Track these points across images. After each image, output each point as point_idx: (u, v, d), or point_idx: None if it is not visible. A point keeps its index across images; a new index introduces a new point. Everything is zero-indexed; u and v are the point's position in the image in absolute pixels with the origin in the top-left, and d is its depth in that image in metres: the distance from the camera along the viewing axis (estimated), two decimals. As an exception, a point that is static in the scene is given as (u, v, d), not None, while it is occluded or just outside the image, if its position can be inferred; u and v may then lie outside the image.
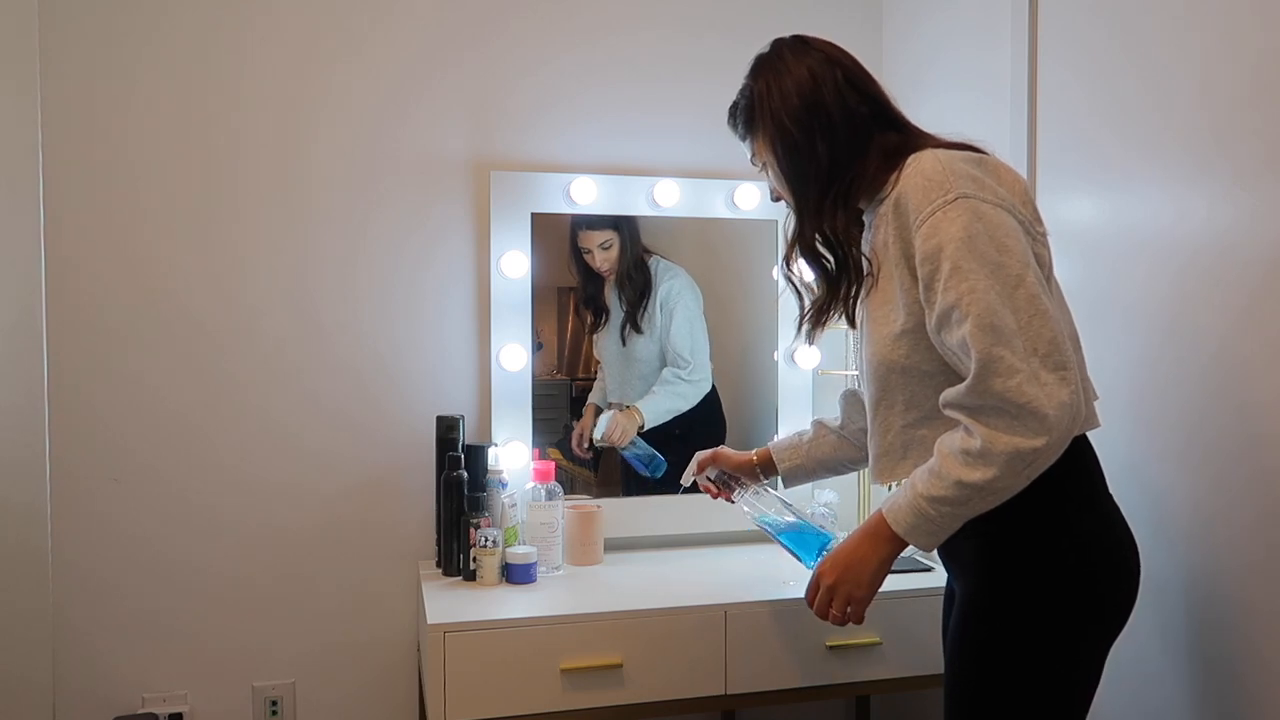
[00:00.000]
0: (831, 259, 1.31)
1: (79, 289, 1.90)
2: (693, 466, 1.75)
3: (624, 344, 2.15)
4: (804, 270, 1.37)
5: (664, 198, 2.11)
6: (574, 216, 2.10)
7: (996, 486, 1.12)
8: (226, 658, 2.00)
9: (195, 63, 1.94)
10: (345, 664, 2.05)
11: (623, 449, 2.14)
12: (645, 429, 2.14)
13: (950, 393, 1.15)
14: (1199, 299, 1.41)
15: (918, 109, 1.32)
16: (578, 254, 2.12)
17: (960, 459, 1.13)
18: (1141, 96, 1.53)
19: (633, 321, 2.14)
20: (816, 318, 1.36)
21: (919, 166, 1.20)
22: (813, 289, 1.37)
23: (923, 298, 1.18)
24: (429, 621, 1.63)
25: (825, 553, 1.61)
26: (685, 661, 1.69)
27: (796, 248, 1.32)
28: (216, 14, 1.95)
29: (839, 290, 1.31)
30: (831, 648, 1.74)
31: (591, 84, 2.13)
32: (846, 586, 1.27)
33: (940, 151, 1.21)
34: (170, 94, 1.93)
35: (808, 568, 1.61)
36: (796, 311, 1.41)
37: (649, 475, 2.14)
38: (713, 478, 1.73)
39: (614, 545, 2.09)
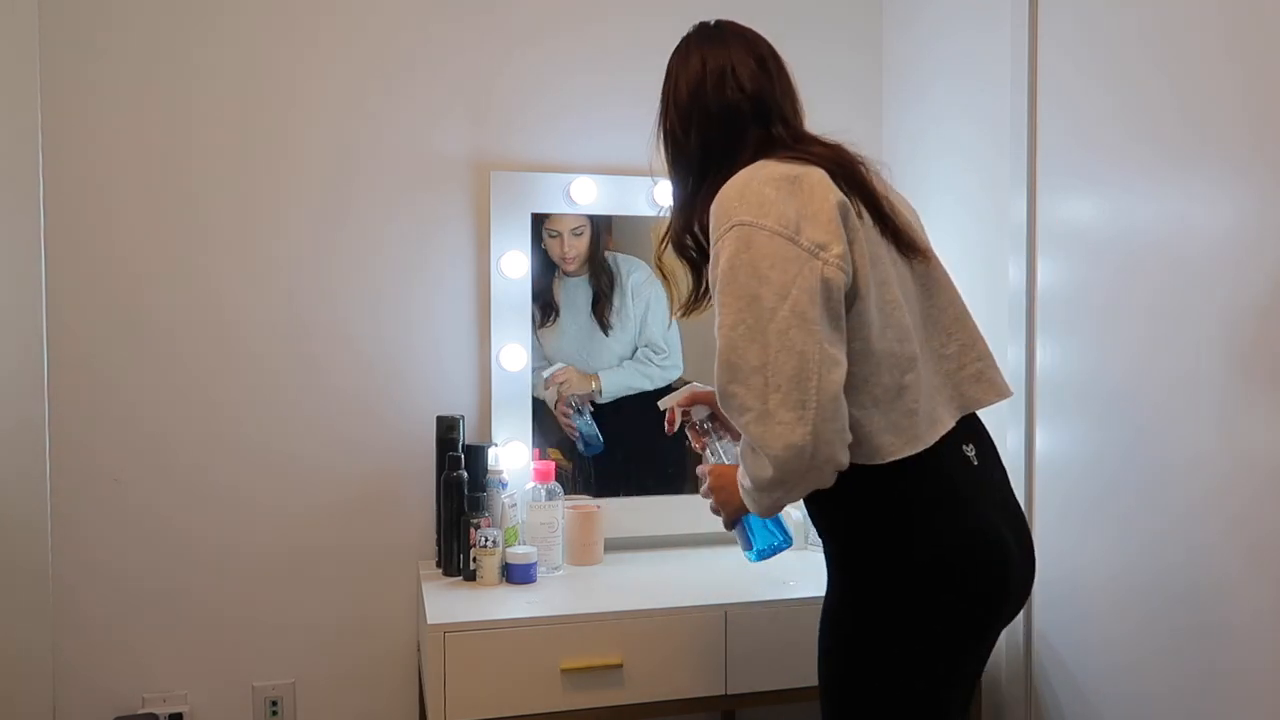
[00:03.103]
0: (696, 252, 1.33)
1: (79, 289, 1.90)
2: (682, 395, 1.55)
3: (586, 338, 2.12)
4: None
5: (664, 198, 2.10)
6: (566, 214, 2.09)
7: (764, 490, 1.17)
8: (226, 658, 2.00)
9: (194, 63, 1.94)
10: (346, 664, 2.05)
11: (569, 416, 2.11)
12: (599, 400, 2.12)
13: None
14: (1196, 298, 1.41)
15: (917, 101, 1.31)
16: (538, 242, 2.08)
17: (748, 460, 1.19)
18: (1144, 90, 1.52)
19: (601, 317, 2.13)
20: (685, 311, 1.41)
21: (722, 189, 1.20)
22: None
23: None
24: (429, 621, 1.63)
25: (772, 553, 1.47)
26: (685, 661, 1.69)
27: (667, 240, 1.36)
28: (216, 15, 1.95)
29: (703, 284, 1.35)
30: (831, 648, 1.74)
31: (592, 84, 2.13)
32: (717, 503, 1.39)
33: (758, 168, 1.20)
34: (169, 94, 1.93)
35: (749, 555, 1.49)
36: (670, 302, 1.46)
37: (583, 451, 2.12)
38: (699, 420, 1.56)
39: (614, 545, 2.09)
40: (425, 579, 1.90)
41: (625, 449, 2.17)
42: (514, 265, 2.04)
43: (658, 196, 2.10)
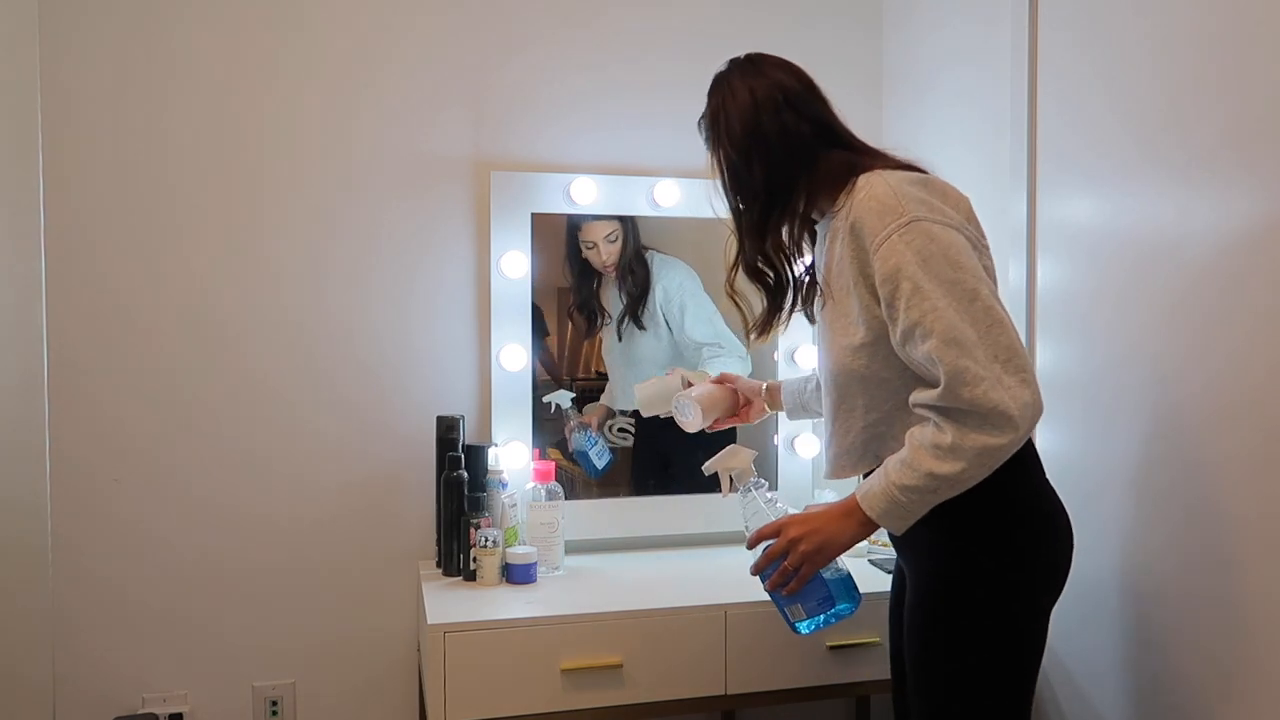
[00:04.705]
0: (772, 275, 1.39)
1: (79, 289, 1.91)
2: (723, 457, 1.51)
3: (621, 340, 2.14)
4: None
5: (664, 198, 2.11)
6: (571, 215, 2.09)
7: (964, 478, 1.19)
8: (226, 658, 2.00)
9: (195, 62, 1.94)
10: (345, 664, 2.05)
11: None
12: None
13: (921, 395, 1.22)
14: (1197, 298, 1.41)
15: (917, 105, 1.33)
16: (575, 252, 2.11)
17: (932, 452, 1.20)
18: (1145, 90, 1.52)
19: (634, 317, 2.13)
20: (762, 329, 1.45)
21: (871, 191, 1.25)
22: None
23: (885, 315, 1.24)
24: (429, 621, 1.63)
25: (842, 616, 1.40)
26: (685, 661, 1.69)
27: (739, 268, 1.40)
28: (216, 15, 1.95)
29: (781, 303, 1.41)
30: (831, 648, 1.74)
31: (592, 84, 2.13)
32: (809, 548, 1.31)
33: (889, 174, 1.27)
34: (170, 93, 1.93)
35: (805, 625, 1.40)
36: (744, 324, 1.48)
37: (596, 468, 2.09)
38: (746, 481, 1.49)
39: (613, 545, 2.09)
40: (425, 579, 1.90)
41: (624, 450, 2.17)
42: (514, 265, 2.04)
43: (658, 196, 2.11)
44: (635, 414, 2.17)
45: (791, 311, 1.42)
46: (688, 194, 2.12)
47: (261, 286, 1.99)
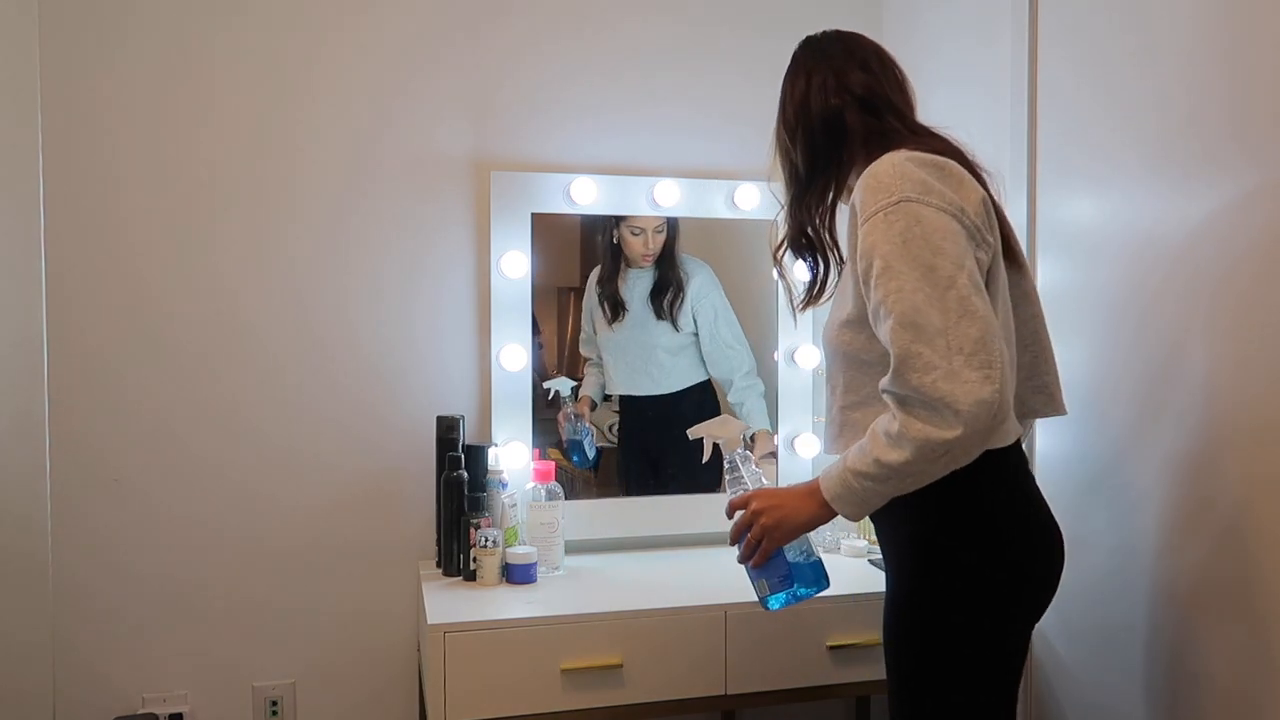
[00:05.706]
0: (811, 252, 1.43)
1: (79, 287, 1.90)
2: (713, 424, 1.54)
3: (644, 329, 2.15)
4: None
5: (664, 198, 2.11)
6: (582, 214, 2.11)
7: (911, 470, 1.16)
8: (226, 658, 2.00)
9: (195, 64, 1.94)
10: (345, 664, 2.05)
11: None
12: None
13: (882, 380, 1.19)
14: (1195, 297, 1.41)
15: (918, 104, 1.34)
16: (609, 241, 2.13)
17: (883, 439, 1.17)
18: (1142, 93, 1.52)
19: (660, 308, 2.15)
20: (805, 305, 1.49)
21: (874, 169, 1.25)
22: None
23: (862, 293, 1.24)
24: (429, 621, 1.63)
25: (805, 595, 1.40)
26: (685, 661, 1.69)
27: (785, 244, 1.44)
28: (216, 16, 1.95)
29: (823, 280, 1.44)
30: (832, 648, 1.74)
31: (592, 84, 2.13)
32: (769, 522, 1.32)
33: (904, 154, 1.25)
34: (170, 92, 1.93)
35: (773, 599, 1.40)
36: (789, 298, 1.52)
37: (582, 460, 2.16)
38: (733, 450, 1.51)
39: (612, 545, 2.10)
40: (425, 579, 1.90)
41: (625, 449, 2.17)
42: (514, 265, 2.04)
43: (658, 196, 2.11)
44: (623, 406, 2.17)
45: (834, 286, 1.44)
46: (688, 194, 2.12)
47: (260, 286, 1.99)
